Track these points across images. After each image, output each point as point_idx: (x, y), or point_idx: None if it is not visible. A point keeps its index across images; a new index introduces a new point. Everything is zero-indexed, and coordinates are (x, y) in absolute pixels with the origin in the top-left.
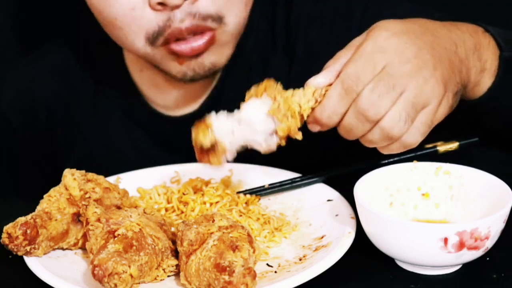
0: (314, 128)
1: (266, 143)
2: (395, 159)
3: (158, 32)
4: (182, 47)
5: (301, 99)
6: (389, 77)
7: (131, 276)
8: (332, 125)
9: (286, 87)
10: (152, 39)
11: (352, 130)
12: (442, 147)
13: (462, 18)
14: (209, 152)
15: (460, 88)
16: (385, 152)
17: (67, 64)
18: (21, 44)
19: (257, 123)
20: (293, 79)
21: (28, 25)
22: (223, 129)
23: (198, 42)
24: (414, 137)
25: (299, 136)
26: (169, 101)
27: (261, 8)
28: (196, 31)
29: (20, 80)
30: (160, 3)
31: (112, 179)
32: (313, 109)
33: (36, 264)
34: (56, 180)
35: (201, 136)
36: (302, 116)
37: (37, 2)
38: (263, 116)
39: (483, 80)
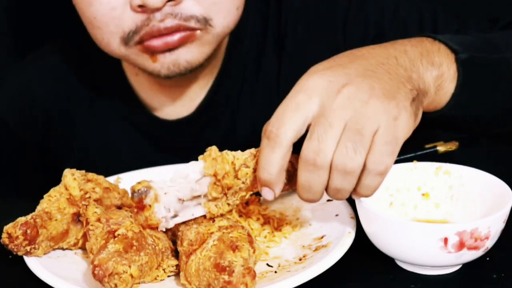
0: (266, 193)
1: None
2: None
3: (135, 31)
4: (153, 42)
5: (236, 154)
6: (322, 118)
7: (132, 276)
8: (273, 179)
9: (277, 85)
10: (127, 39)
11: (311, 186)
12: (442, 147)
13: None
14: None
15: (417, 94)
16: (368, 193)
17: (65, 66)
18: (19, 46)
19: (190, 173)
20: (284, 77)
21: (26, 26)
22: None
23: (173, 37)
24: (382, 162)
25: (230, 181)
26: (164, 105)
27: (255, 6)
28: (177, 30)
29: (19, 81)
30: (140, 6)
31: (112, 179)
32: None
33: (36, 264)
34: (56, 180)
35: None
36: (234, 165)
37: (35, 4)
38: (197, 168)
39: (445, 84)
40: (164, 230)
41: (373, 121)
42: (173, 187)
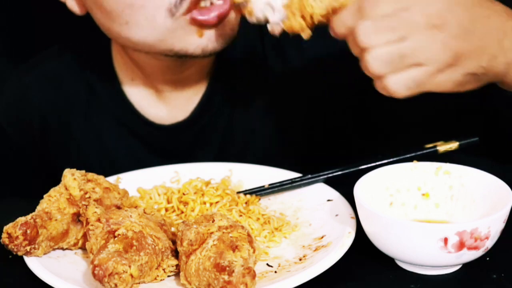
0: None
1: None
2: (395, 159)
3: None
4: (205, 16)
5: (317, 3)
6: (398, 20)
7: (132, 276)
8: (339, 35)
9: (278, 87)
10: (174, 9)
11: (351, 45)
12: (442, 147)
13: None
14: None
15: (483, 73)
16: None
17: (61, 73)
18: (14, 53)
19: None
20: (285, 80)
21: (22, 33)
22: None
23: (224, 7)
24: (396, 86)
25: (305, 34)
26: (160, 110)
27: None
28: None
29: (15, 88)
30: None
31: (112, 179)
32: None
33: (36, 264)
34: (56, 180)
35: None
36: (312, 18)
37: (31, 11)
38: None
39: None
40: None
41: (422, 58)
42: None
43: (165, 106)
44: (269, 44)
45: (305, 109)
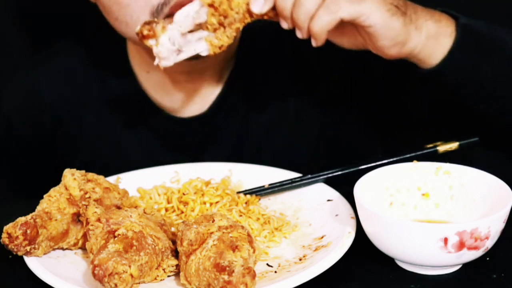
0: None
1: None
2: (395, 159)
3: (164, 3)
4: None
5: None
6: None
7: (132, 276)
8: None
9: (293, 89)
10: (156, 12)
11: None
12: (442, 147)
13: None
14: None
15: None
16: (316, 28)
17: (72, 66)
18: (26, 46)
19: (189, 11)
20: (301, 80)
21: (33, 27)
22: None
23: None
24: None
25: (226, 7)
26: (176, 103)
27: None
28: None
29: (26, 82)
30: None
31: (112, 179)
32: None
33: (36, 264)
34: (56, 180)
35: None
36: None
37: (42, 4)
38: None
39: (442, 38)
40: (165, 65)
41: None
42: (176, 25)
43: (182, 98)
44: (286, 42)
45: (319, 111)
